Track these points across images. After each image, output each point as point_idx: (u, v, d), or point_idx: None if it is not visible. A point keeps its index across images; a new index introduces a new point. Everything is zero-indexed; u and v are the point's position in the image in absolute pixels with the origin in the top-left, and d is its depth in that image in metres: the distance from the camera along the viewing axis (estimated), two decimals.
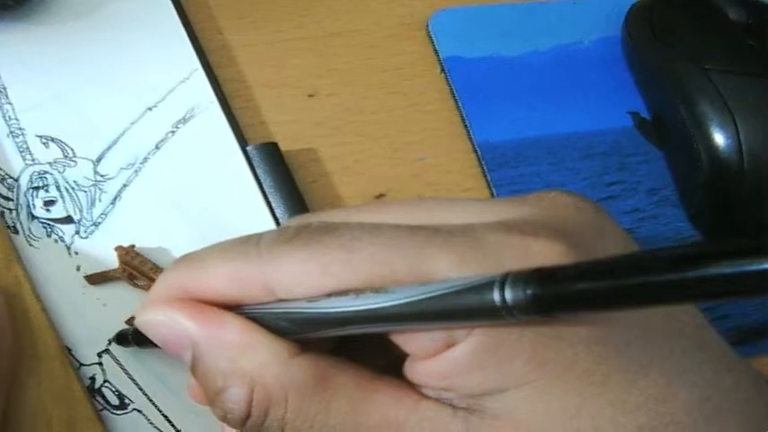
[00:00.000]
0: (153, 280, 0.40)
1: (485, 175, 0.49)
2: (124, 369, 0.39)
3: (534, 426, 0.26)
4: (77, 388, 0.38)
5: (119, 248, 0.40)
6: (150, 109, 0.45)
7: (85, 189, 0.42)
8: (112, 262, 0.41)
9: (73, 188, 0.42)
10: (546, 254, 0.26)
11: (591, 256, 0.26)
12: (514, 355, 0.25)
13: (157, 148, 0.44)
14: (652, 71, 0.53)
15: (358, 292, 0.26)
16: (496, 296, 0.23)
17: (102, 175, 0.43)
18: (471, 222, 0.27)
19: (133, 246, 0.41)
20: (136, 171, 0.43)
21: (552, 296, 0.22)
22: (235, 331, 0.28)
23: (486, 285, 0.23)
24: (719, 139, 0.48)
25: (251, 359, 0.28)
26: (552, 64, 0.54)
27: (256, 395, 0.28)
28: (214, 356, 0.28)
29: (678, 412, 0.26)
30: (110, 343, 0.39)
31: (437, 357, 0.26)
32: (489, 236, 0.26)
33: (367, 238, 0.27)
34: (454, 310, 0.24)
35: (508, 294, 0.22)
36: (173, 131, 0.45)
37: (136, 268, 0.40)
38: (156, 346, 0.30)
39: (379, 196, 0.47)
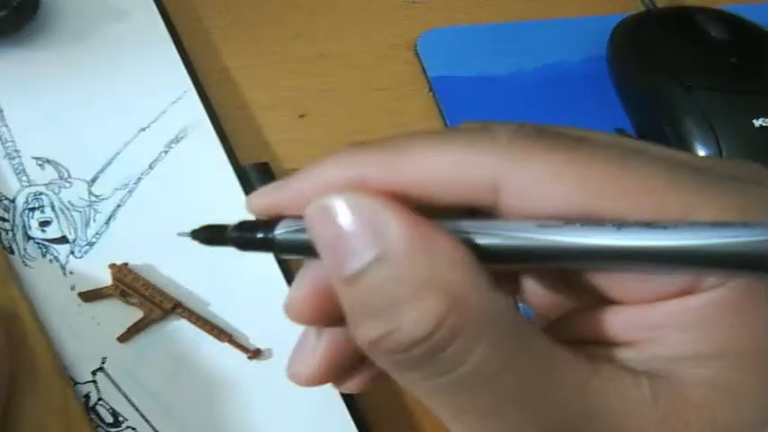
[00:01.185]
0: (144, 296, 0.40)
1: None
2: (118, 387, 0.40)
3: (741, 399, 0.23)
4: (75, 405, 0.38)
5: (112, 266, 0.41)
6: (143, 129, 0.46)
7: (80, 209, 0.43)
8: (106, 281, 0.41)
9: (68, 208, 0.43)
10: None
11: None
12: (756, 318, 0.23)
13: (151, 168, 0.45)
14: (636, 89, 0.54)
15: (620, 222, 0.22)
16: None
17: (96, 196, 0.44)
18: (729, 172, 0.24)
19: (126, 264, 0.41)
20: (130, 191, 0.44)
21: None
22: (447, 241, 0.23)
23: None
24: (702, 155, 0.49)
25: (460, 275, 0.23)
26: (539, 83, 0.55)
27: (454, 315, 0.22)
28: (412, 264, 0.23)
29: None
30: (104, 361, 0.40)
31: (661, 303, 0.23)
32: (761, 190, 0.23)
33: (640, 160, 0.23)
34: (750, 257, 0.21)
35: None
36: (165, 151, 0.45)
37: (129, 285, 0.40)
38: (259, 249, 0.26)
39: None
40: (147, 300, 0.40)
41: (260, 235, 0.26)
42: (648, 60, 0.53)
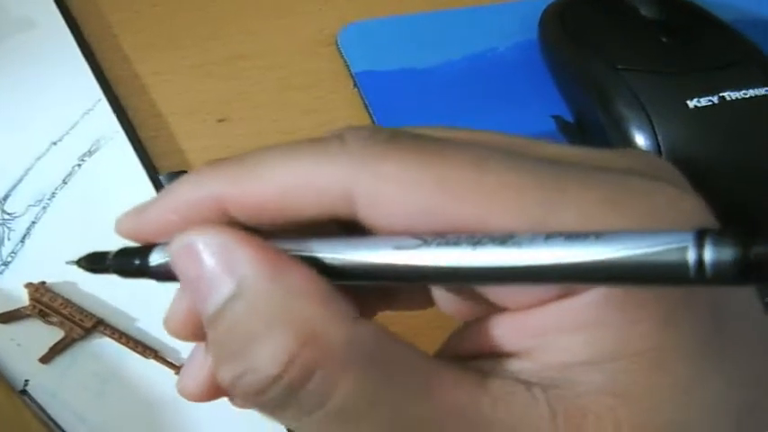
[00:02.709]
0: (64, 315, 0.43)
1: None
2: (43, 409, 0.42)
3: (642, 404, 0.23)
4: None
5: (28, 285, 0.43)
6: (55, 143, 0.48)
7: None
8: (25, 302, 0.43)
9: None
10: (695, 207, 0.24)
11: None
12: (643, 316, 0.23)
13: (65, 182, 0.47)
14: (568, 73, 0.56)
15: (476, 240, 0.22)
16: (691, 256, 0.20)
17: (9, 214, 0.46)
18: (603, 164, 0.25)
19: (44, 282, 0.44)
20: (44, 207, 0.46)
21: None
22: (301, 272, 0.24)
23: (679, 242, 0.20)
24: (638, 139, 0.52)
25: (316, 307, 0.23)
26: (468, 72, 0.57)
27: (308, 349, 0.23)
28: (265, 299, 0.24)
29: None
30: (26, 384, 0.42)
31: (542, 308, 0.24)
32: (634, 180, 0.24)
33: (501, 159, 0.23)
34: (632, 271, 0.21)
35: (709, 255, 0.19)
36: (79, 164, 0.48)
37: (46, 305, 0.43)
38: (138, 276, 0.28)
39: None
40: (66, 319, 0.43)
41: (137, 262, 0.28)
42: (578, 43, 0.56)
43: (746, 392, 0.25)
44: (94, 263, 0.31)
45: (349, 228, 0.25)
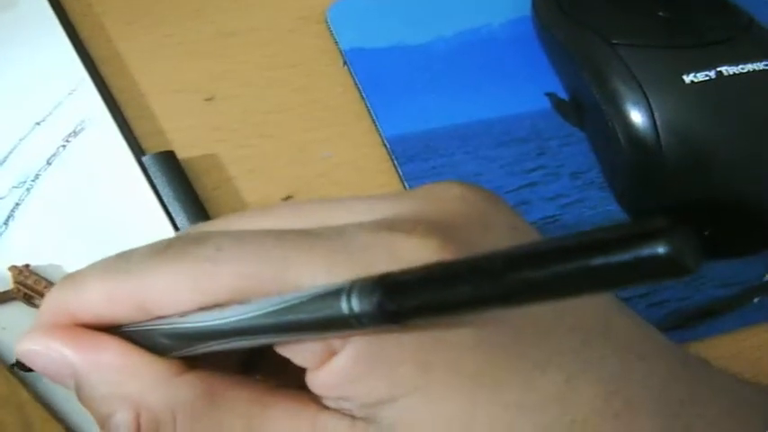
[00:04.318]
0: None
1: (396, 170, 0.53)
2: (31, 392, 0.42)
3: None
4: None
5: (12, 268, 0.44)
6: (38, 124, 0.49)
7: None
8: (9, 284, 0.44)
9: None
10: (417, 252, 0.27)
11: (471, 250, 0.27)
12: (398, 362, 0.27)
13: (49, 163, 0.48)
14: (562, 50, 0.57)
15: (225, 305, 0.28)
16: (344, 306, 0.23)
17: None
18: (347, 223, 0.29)
19: (27, 265, 0.44)
20: (28, 189, 0.47)
21: (399, 305, 0.22)
22: (114, 354, 0.29)
23: (335, 294, 0.24)
24: (634, 116, 0.52)
25: (134, 382, 0.29)
26: (461, 49, 0.58)
27: (143, 419, 0.29)
28: (96, 382, 0.29)
29: (582, 410, 0.28)
30: (13, 367, 0.43)
31: (324, 367, 0.28)
32: (359, 236, 0.28)
33: (232, 248, 0.28)
34: (306, 321, 0.25)
35: (355, 304, 0.23)
36: (63, 145, 0.48)
37: (30, 288, 0.43)
38: None
39: (287, 198, 0.51)
40: None
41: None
42: (572, 18, 0.56)
43: (545, 415, 0.28)
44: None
45: None
